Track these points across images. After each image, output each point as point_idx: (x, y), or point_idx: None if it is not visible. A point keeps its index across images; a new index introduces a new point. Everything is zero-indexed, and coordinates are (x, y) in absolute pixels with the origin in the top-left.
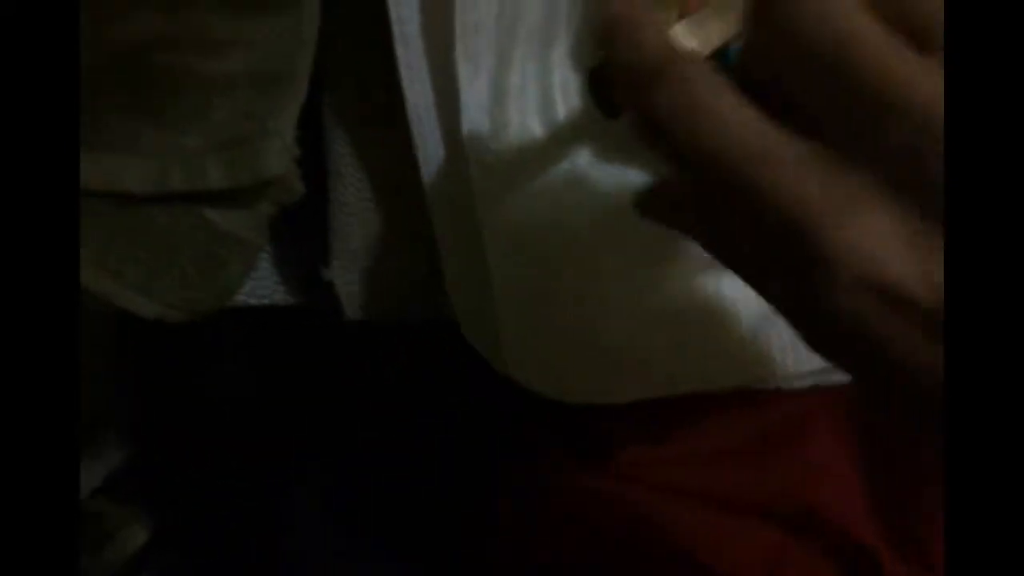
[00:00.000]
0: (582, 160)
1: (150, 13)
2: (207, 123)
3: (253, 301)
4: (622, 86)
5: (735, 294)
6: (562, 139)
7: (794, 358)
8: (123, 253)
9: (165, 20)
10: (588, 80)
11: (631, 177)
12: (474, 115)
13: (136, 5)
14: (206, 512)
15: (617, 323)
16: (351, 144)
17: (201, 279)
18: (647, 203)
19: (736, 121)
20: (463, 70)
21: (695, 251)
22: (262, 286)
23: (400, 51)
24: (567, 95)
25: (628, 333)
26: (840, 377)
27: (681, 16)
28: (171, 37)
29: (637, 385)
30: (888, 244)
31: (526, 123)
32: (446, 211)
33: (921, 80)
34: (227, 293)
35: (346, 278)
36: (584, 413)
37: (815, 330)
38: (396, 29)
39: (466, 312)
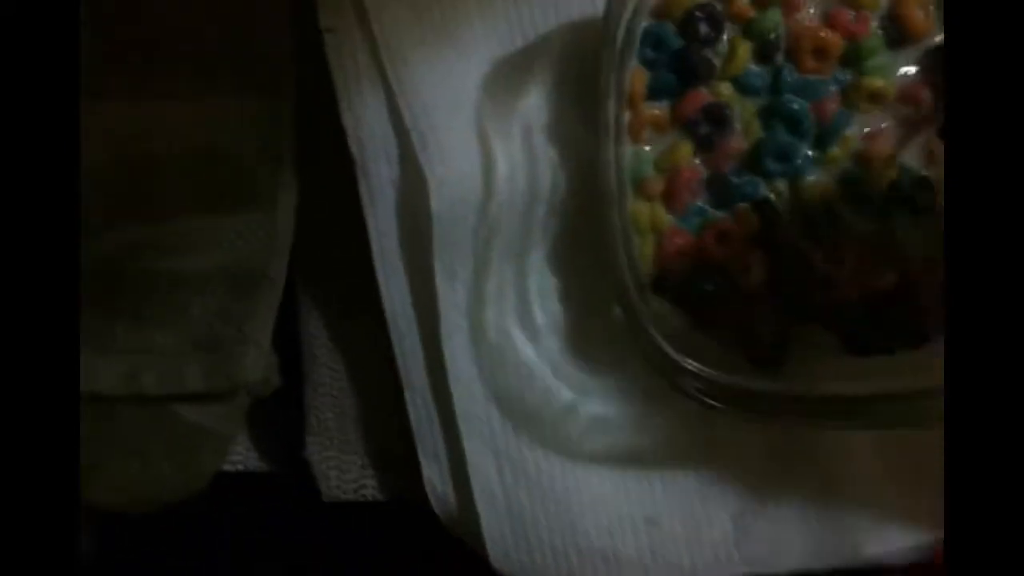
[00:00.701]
0: (562, 367)
1: (133, 223)
2: (183, 321)
3: (227, 467)
4: None
5: (715, 490)
6: (541, 345)
7: (780, 556)
8: (90, 448)
9: (146, 228)
10: None
11: (609, 381)
12: (452, 320)
13: (120, 217)
14: None
15: (592, 529)
16: (325, 327)
17: (172, 472)
18: None
19: None
20: (441, 282)
21: (674, 453)
22: (236, 452)
23: (378, 263)
24: (544, 301)
25: (606, 537)
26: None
27: None
28: (150, 242)
29: None
30: None
31: (504, 326)
32: (424, 413)
33: None
34: (199, 483)
35: (320, 456)
36: None
37: None
38: (374, 241)
39: (443, 506)
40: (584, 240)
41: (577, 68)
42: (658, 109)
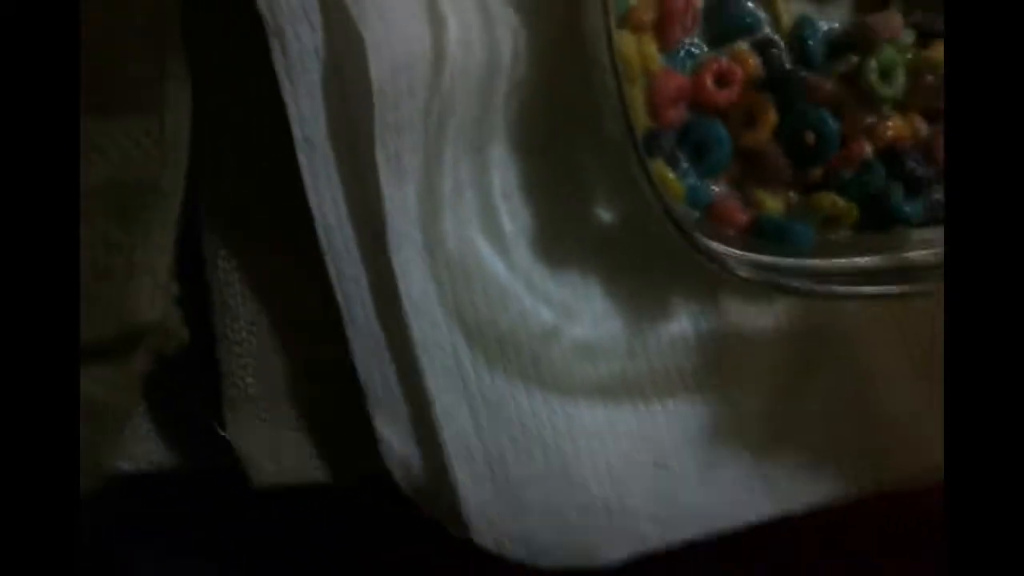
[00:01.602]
0: (539, 283)
1: None
2: None
3: (127, 466)
4: None
5: (729, 425)
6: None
7: (805, 486)
8: None
9: None
10: None
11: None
12: (402, 228)
13: None
14: None
15: (591, 477)
16: (239, 270)
17: None
18: None
19: None
20: (385, 176)
21: (677, 382)
22: (139, 446)
23: (303, 157)
24: (510, 203)
25: (608, 484)
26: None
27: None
28: None
29: (624, 542)
30: None
31: (466, 235)
32: (373, 355)
33: None
34: (94, 479)
35: (247, 435)
36: None
37: None
38: (297, 130)
39: (407, 473)
40: (554, 124)
41: None
42: None
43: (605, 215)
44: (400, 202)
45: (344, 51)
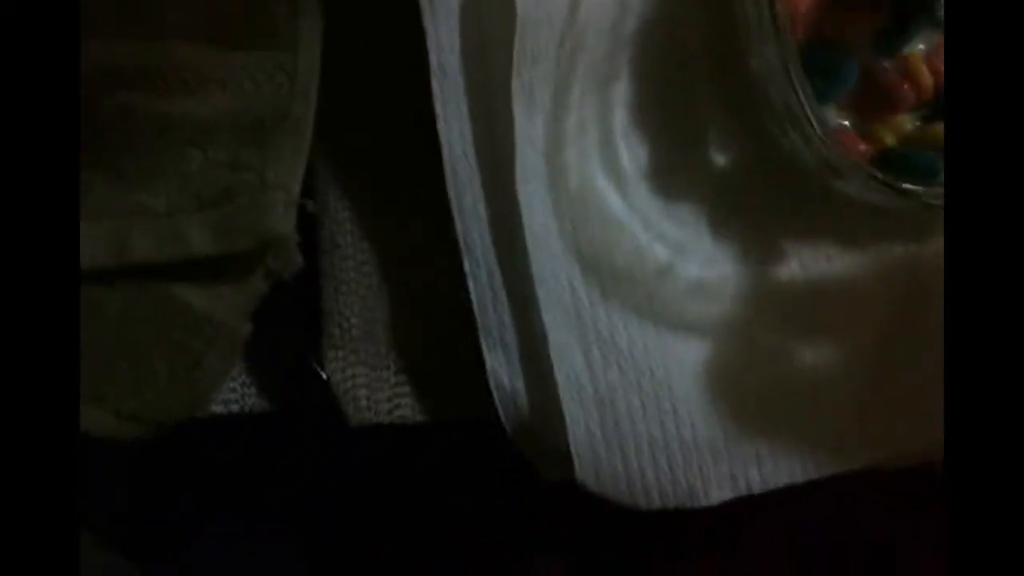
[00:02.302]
0: (655, 221)
1: (115, 36)
2: (178, 177)
3: (219, 409)
4: None
5: (836, 367)
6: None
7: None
8: None
9: (126, 48)
10: None
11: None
12: (530, 159)
13: (98, 21)
14: None
15: (699, 416)
16: (351, 208)
17: (170, 381)
18: None
19: None
20: (519, 106)
21: (785, 324)
22: (228, 388)
23: (436, 85)
24: (630, 141)
25: (713, 426)
26: None
27: None
28: (133, 69)
29: (728, 483)
30: None
31: (586, 170)
32: (488, 288)
33: None
34: (203, 399)
35: (346, 374)
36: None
37: None
38: (433, 58)
39: (513, 406)
40: (677, 67)
41: None
42: None
43: (719, 158)
44: (529, 133)
45: None
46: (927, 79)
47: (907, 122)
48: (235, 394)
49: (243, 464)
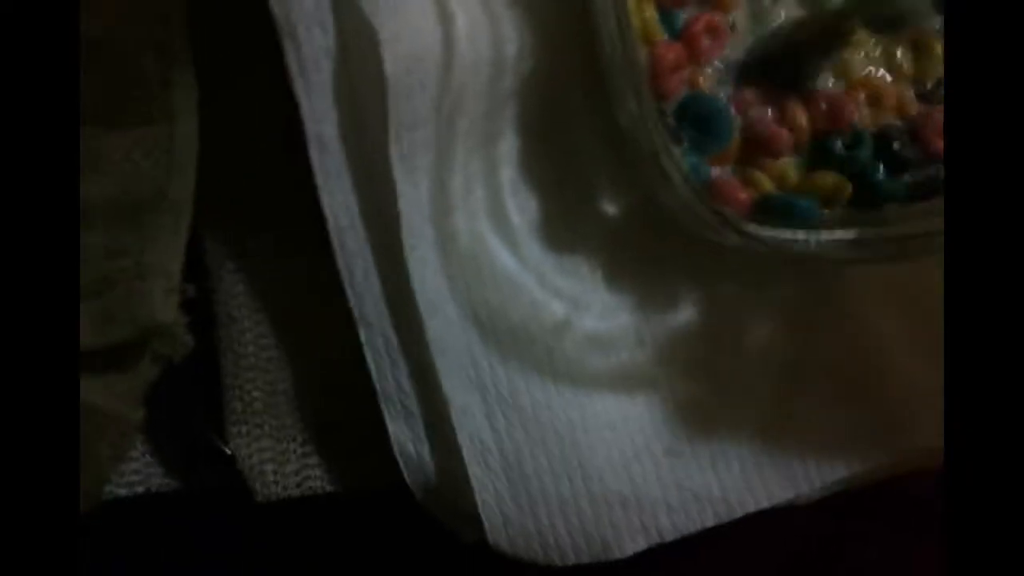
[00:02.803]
0: (549, 276)
1: None
2: None
3: (123, 491)
4: None
5: (738, 409)
6: (522, 251)
7: (816, 468)
8: None
9: None
10: None
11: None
12: (417, 225)
13: None
14: None
15: (606, 469)
16: (244, 280)
17: None
18: None
19: None
20: (399, 173)
21: (686, 369)
22: (131, 469)
23: (315, 156)
24: (518, 198)
25: (620, 478)
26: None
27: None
28: None
29: (640, 534)
30: None
31: (476, 230)
32: (386, 356)
33: None
34: (97, 487)
35: (251, 448)
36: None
37: None
38: (310, 128)
39: (420, 474)
40: (560, 120)
41: None
42: None
43: (610, 208)
44: (414, 199)
45: (356, 50)
46: (802, 120)
47: (790, 167)
48: (139, 476)
49: (150, 546)
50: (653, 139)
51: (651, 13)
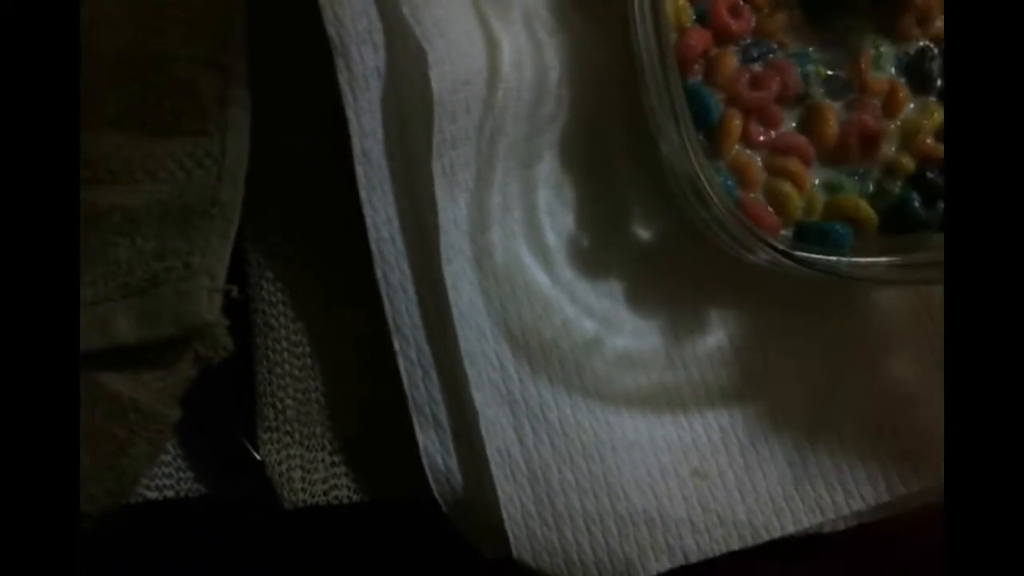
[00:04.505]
0: (581, 295)
1: None
2: (105, 266)
3: (153, 494)
4: None
5: (766, 434)
6: (555, 270)
7: (842, 496)
8: None
9: None
10: None
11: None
12: (454, 239)
13: None
14: None
15: (632, 487)
16: (283, 290)
17: (94, 470)
18: None
19: None
20: (440, 188)
21: (715, 392)
22: (163, 473)
23: (360, 170)
24: (554, 218)
25: (646, 497)
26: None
27: None
28: None
29: (664, 554)
30: None
31: (512, 248)
32: (418, 367)
33: None
34: (128, 486)
35: (281, 455)
36: None
37: None
38: (356, 144)
39: (447, 485)
40: (596, 145)
41: None
42: None
43: (643, 232)
44: (453, 215)
45: (404, 69)
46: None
47: (818, 193)
48: (170, 479)
49: (178, 549)
50: (692, 162)
51: (683, 2)
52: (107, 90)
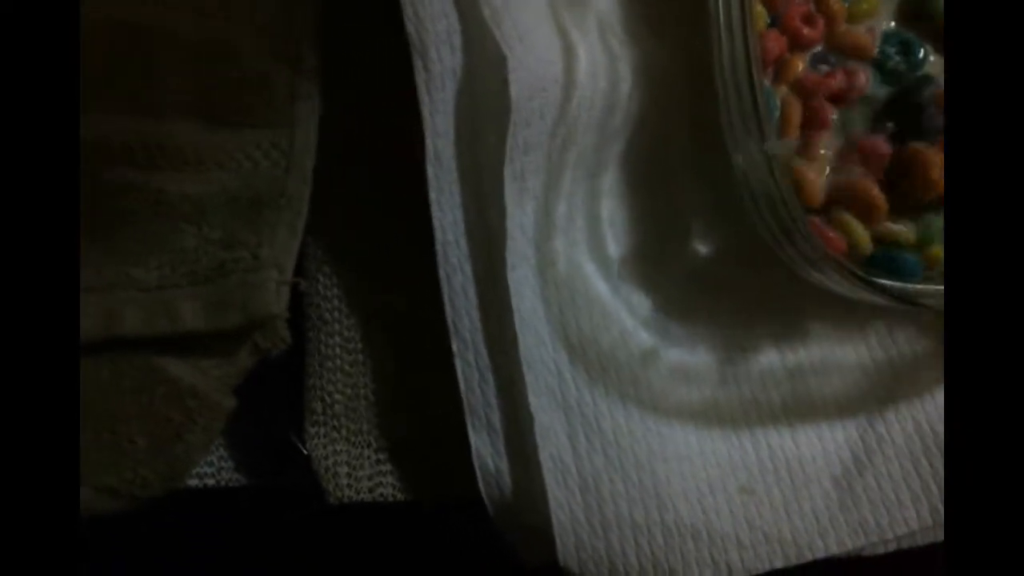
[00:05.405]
0: (640, 307)
1: (115, 112)
2: (171, 253)
3: (193, 482)
4: None
5: (814, 455)
6: (615, 280)
7: (887, 520)
8: None
9: (125, 124)
10: None
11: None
12: (520, 245)
13: (101, 98)
14: None
15: (681, 501)
16: (340, 285)
17: (150, 453)
18: None
19: None
20: (509, 193)
21: (765, 411)
22: (206, 462)
23: (431, 171)
24: (616, 230)
25: (694, 510)
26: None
27: None
28: (131, 145)
29: (708, 568)
30: None
31: (574, 257)
32: (475, 369)
33: None
34: (182, 472)
35: (327, 450)
36: None
37: None
38: (429, 143)
39: (496, 488)
40: (662, 159)
41: None
42: None
43: (702, 247)
44: (520, 220)
45: (481, 72)
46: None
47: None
48: (211, 467)
49: (216, 540)
50: (768, 178)
51: (760, 8)
52: (180, 78)
